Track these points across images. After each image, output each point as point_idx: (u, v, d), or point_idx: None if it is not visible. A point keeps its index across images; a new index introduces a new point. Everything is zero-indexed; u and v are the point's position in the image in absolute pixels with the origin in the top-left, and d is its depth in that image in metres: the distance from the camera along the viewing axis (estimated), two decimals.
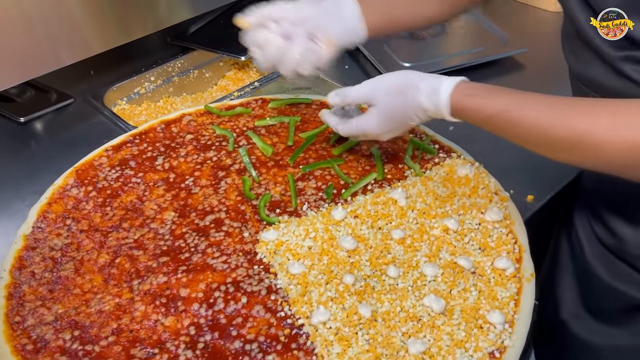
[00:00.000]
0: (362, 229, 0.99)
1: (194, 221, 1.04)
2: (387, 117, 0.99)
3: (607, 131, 0.74)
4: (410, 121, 0.97)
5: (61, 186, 1.10)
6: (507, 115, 0.84)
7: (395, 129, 1.01)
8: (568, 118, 0.78)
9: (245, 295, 0.91)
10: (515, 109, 0.83)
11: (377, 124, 1.00)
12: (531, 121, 0.81)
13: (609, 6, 0.78)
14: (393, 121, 0.99)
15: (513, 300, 0.89)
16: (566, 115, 0.78)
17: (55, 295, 0.92)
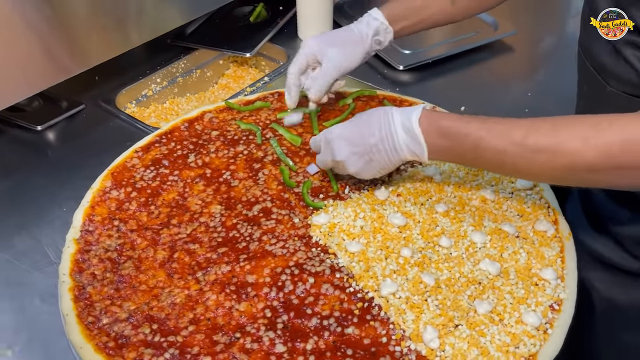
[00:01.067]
0: (407, 206, 1.05)
1: (241, 212, 1.07)
2: (351, 142, 0.98)
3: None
4: (376, 155, 0.96)
5: (100, 189, 1.10)
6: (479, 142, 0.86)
7: (359, 153, 0.98)
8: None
9: (311, 275, 0.95)
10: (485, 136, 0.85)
11: (343, 130, 1.00)
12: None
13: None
14: (356, 146, 0.97)
15: (559, 258, 0.97)
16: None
17: (122, 294, 0.94)
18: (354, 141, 0.98)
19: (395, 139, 0.93)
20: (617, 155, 0.76)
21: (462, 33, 1.58)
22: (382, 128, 0.94)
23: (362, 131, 0.97)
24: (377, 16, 1.17)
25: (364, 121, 0.98)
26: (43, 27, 1.20)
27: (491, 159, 0.86)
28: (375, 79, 1.47)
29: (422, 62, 1.48)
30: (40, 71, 1.24)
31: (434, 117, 0.91)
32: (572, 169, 0.80)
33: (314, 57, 1.17)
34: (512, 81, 1.50)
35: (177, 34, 1.56)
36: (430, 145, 0.91)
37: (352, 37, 1.18)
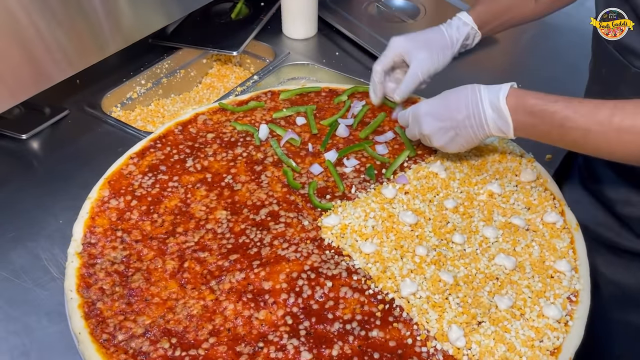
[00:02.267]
0: (416, 203, 1.05)
1: (249, 217, 1.04)
2: (437, 112, 1.02)
3: None
4: (463, 128, 1.00)
5: (98, 199, 1.06)
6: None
7: (445, 126, 1.02)
8: None
9: (329, 279, 0.93)
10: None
11: (431, 107, 1.04)
12: None
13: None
14: (442, 117, 1.02)
15: (571, 249, 0.98)
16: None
17: (135, 308, 0.91)
18: (441, 116, 1.01)
19: (483, 116, 0.96)
20: None
21: None
22: (470, 105, 0.97)
23: (450, 107, 1.00)
24: (468, 21, 1.17)
25: (452, 98, 1.01)
26: (24, 35, 1.14)
27: (576, 137, 0.87)
28: (365, 74, 1.45)
29: None
30: (22, 80, 1.18)
31: (522, 95, 0.93)
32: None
33: (401, 57, 1.16)
34: (497, 74, 1.51)
35: (158, 34, 1.50)
36: (517, 123, 0.93)
37: (442, 41, 1.16)
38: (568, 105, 0.87)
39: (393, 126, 1.22)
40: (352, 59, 1.52)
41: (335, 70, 1.47)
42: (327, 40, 1.59)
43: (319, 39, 1.60)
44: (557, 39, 1.64)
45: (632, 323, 1.11)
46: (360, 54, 1.53)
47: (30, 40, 1.16)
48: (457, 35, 1.17)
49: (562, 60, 1.56)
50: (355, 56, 1.53)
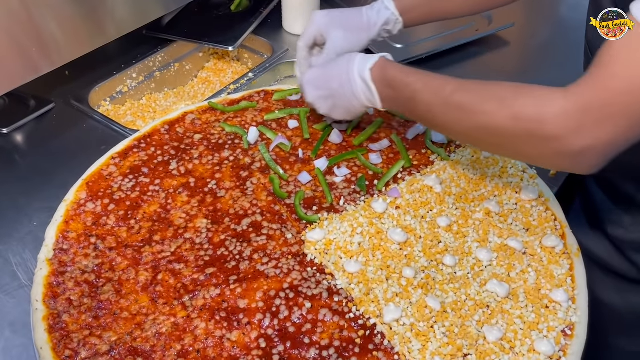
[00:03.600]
0: (407, 220, 0.99)
1: (230, 227, 0.99)
2: (319, 75, 1.05)
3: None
4: (338, 93, 1.02)
5: (74, 202, 1.01)
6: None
7: (323, 88, 1.04)
8: None
9: (308, 299, 0.88)
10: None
11: (312, 75, 1.06)
12: None
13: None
14: (321, 79, 1.04)
15: (569, 277, 0.91)
16: None
17: (102, 322, 0.86)
18: (319, 85, 1.04)
19: (354, 85, 0.98)
20: (524, 122, 0.77)
21: (455, 26, 1.51)
22: (343, 74, 0.99)
23: (327, 76, 1.03)
24: (389, 5, 1.12)
25: (330, 66, 1.03)
26: (10, 21, 1.09)
27: (423, 111, 0.91)
28: None
29: (414, 57, 1.40)
30: (8, 70, 1.14)
31: (386, 67, 0.95)
32: (486, 130, 0.82)
33: (321, 34, 1.13)
34: (508, 77, 1.43)
35: (153, 25, 1.45)
36: (382, 94, 0.96)
37: (360, 22, 1.12)
38: (421, 79, 0.90)
39: (389, 133, 1.16)
40: None
41: None
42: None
43: None
44: (570, 41, 1.55)
45: (616, 346, 1.06)
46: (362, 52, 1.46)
47: (18, 28, 1.12)
48: (376, 19, 1.12)
49: (575, 62, 1.47)
50: None
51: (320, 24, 1.11)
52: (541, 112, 0.75)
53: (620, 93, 0.71)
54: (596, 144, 0.73)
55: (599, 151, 0.74)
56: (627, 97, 0.70)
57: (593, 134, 0.73)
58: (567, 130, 0.73)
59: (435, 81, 0.89)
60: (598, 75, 0.73)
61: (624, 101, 0.71)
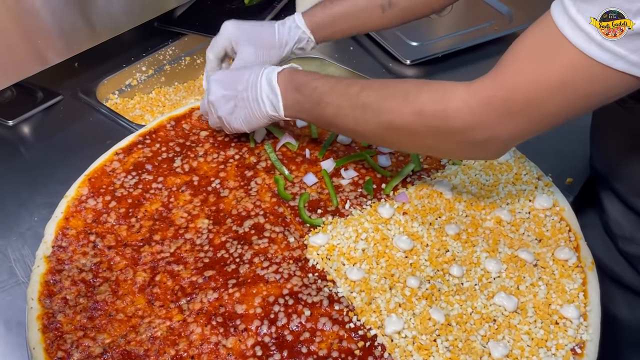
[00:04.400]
0: (414, 226, 0.95)
1: (231, 228, 0.96)
2: (222, 84, 1.00)
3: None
4: (243, 101, 0.98)
5: (75, 198, 1.00)
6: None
7: (227, 96, 1.00)
8: None
9: (307, 307, 0.85)
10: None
11: (222, 74, 1.02)
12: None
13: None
14: (226, 87, 1.00)
15: (582, 292, 0.87)
16: None
17: (97, 324, 0.84)
18: (226, 84, 1.00)
19: (259, 89, 0.96)
20: (429, 118, 0.77)
21: (474, 24, 1.46)
22: (251, 78, 0.97)
23: (236, 77, 0.99)
24: (300, 24, 1.09)
25: (242, 70, 1.00)
26: (19, 12, 1.08)
27: (331, 114, 0.89)
28: (379, 73, 1.35)
29: (430, 56, 1.36)
30: (16, 61, 1.12)
31: (293, 73, 0.94)
32: (392, 127, 0.82)
33: (231, 47, 1.10)
34: None
35: (164, 17, 1.43)
36: (285, 99, 0.94)
37: (272, 40, 1.10)
38: (327, 81, 0.89)
39: None
40: (367, 55, 1.42)
41: (348, 66, 1.37)
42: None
43: None
44: None
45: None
46: (376, 50, 1.43)
47: (26, 18, 1.10)
48: (287, 37, 1.10)
49: None
50: (371, 52, 1.43)
51: (231, 36, 1.08)
52: (444, 107, 0.76)
53: (522, 90, 0.71)
54: (499, 136, 0.75)
55: (502, 142, 0.77)
56: (529, 94, 0.71)
57: (495, 127, 0.74)
58: (469, 123, 0.74)
59: (341, 83, 0.88)
60: (502, 72, 0.73)
61: (526, 98, 0.71)
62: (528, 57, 0.71)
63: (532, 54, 0.71)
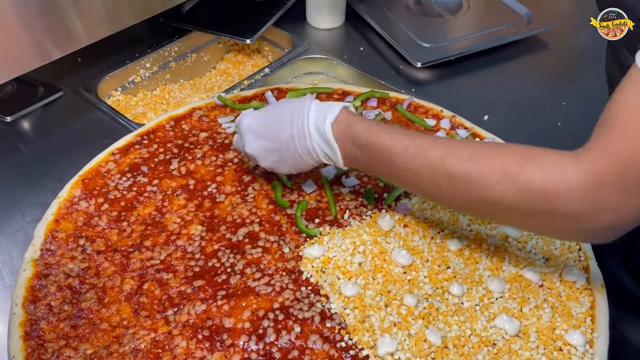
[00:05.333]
0: (415, 240, 0.91)
1: (225, 236, 0.93)
2: (263, 133, 0.88)
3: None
4: (289, 151, 0.86)
5: (67, 199, 0.97)
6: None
7: (271, 149, 0.88)
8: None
9: (298, 323, 0.82)
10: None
11: (253, 121, 0.89)
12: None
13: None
14: (267, 138, 0.87)
15: (589, 317, 0.82)
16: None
17: (80, 333, 0.81)
18: (264, 135, 0.88)
19: (309, 139, 0.84)
20: (537, 198, 0.67)
21: (490, 26, 1.40)
22: (296, 124, 0.84)
23: (274, 125, 0.86)
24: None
25: (277, 112, 0.87)
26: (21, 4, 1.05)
27: (406, 178, 0.79)
28: (389, 75, 1.30)
29: (442, 59, 1.31)
30: (17, 54, 1.10)
31: (350, 124, 0.81)
32: (487, 203, 0.72)
33: None
34: (546, 82, 1.32)
35: (171, 13, 1.40)
36: (345, 153, 0.82)
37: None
38: (397, 141, 0.77)
39: None
40: (377, 56, 1.37)
41: (357, 68, 1.32)
42: (354, 32, 1.44)
43: (346, 30, 1.45)
44: None
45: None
46: (387, 50, 1.38)
47: (30, 11, 1.07)
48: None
49: None
50: (382, 52, 1.38)
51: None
52: (554, 186, 0.66)
53: (637, 160, 0.63)
54: (619, 217, 0.66)
55: (622, 224, 0.67)
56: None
57: (615, 209, 0.65)
58: (586, 206, 0.65)
59: (415, 143, 0.76)
60: (609, 140, 0.65)
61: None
62: (634, 122, 0.64)
63: (637, 117, 0.64)
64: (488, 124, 1.16)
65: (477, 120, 1.14)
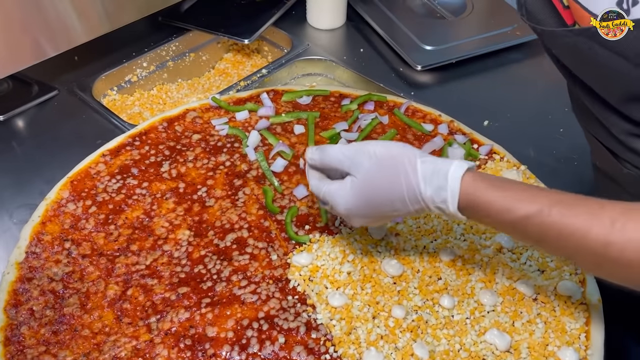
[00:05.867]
0: (406, 249, 0.89)
1: (212, 241, 0.91)
2: (364, 195, 0.75)
3: None
4: (395, 211, 0.74)
5: (55, 201, 0.96)
6: (544, 219, 0.67)
7: (371, 214, 0.76)
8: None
9: (282, 333, 0.80)
10: (555, 213, 0.66)
11: (348, 199, 0.75)
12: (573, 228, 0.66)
13: None
14: (370, 202, 0.75)
15: (584, 333, 0.80)
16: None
17: (61, 339, 0.80)
18: (368, 215, 0.77)
19: (425, 207, 0.73)
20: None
21: (494, 28, 1.37)
22: (408, 201, 0.73)
23: (378, 205, 0.75)
24: None
25: (379, 191, 0.74)
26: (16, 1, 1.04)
27: (557, 252, 0.74)
28: (388, 77, 1.28)
29: (443, 62, 1.28)
30: (11, 52, 1.09)
31: (474, 191, 0.69)
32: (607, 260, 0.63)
33: None
34: (549, 89, 1.28)
35: (170, 11, 1.38)
36: (467, 214, 0.72)
37: None
38: (549, 211, 0.65)
39: None
40: (378, 58, 1.34)
41: (356, 70, 1.30)
42: (354, 33, 1.42)
43: (346, 31, 1.43)
44: None
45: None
46: (388, 52, 1.35)
47: (26, 7, 1.06)
48: None
49: None
50: (383, 54, 1.35)
51: None
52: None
53: None
54: None
55: None
56: None
57: None
58: None
59: (572, 219, 0.65)
60: None
61: None
62: None
63: None
64: (488, 130, 1.14)
65: (477, 126, 1.11)
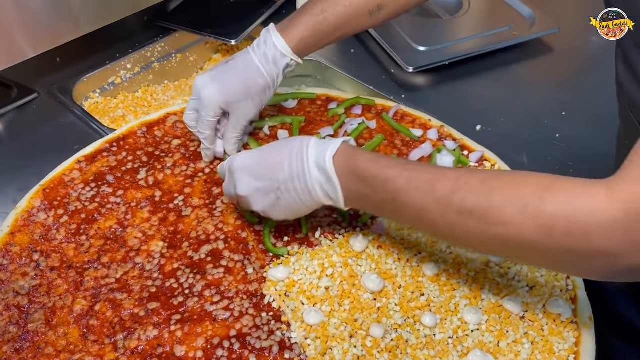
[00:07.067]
0: (388, 263, 0.84)
1: (186, 253, 0.87)
2: (261, 159, 0.82)
3: None
4: (285, 182, 0.79)
5: (26, 210, 0.92)
6: (397, 180, 0.70)
7: (269, 187, 0.80)
8: None
9: (254, 353, 0.76)
10: (405, 175, 0.70)
11: (247, 172, 0.82)
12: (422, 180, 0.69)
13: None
14: (266, 163, 0.81)
15: (573, 354, 0.75)
16: None
17: (23, 357, 0.76)
18: (258, 175, 0.81)
19: (308, 177, 0.77)
20: (562, 236, 0.59)
21: (490, 28, 1.32)
22: (294, 163, 0.77)
23: (270, 164, 0.80)
24: (284, 51, 0.95)
25: (275, 151, 0.81)
26: None
27: (412, 216, 0.71)
28: (379, 80, 1.23)
29: (435, 64, 1.23)
30: None
31: (352, 155, 0.74)
32: (505, 242, 0.64)
33: (221, 111, 0.96)
34: (546, 92, 1.24)
35: (156, 11, 1.34)
36: (346, 190, 0.75)
37: (261, 82, 0.96)
38: (401, 171, 0.70)
39: (390, 153, 1.01)
40: (369, 59, 1.30)
41: (346, 71, 1.25)
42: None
43: None
44: None
45: None
46: (380, 53, 1.31)
47: (3, 4, 1.03)
48: (275, 72, 0.97)
49: None
50: (374, 55, 1.31)
51: (219, 102, 0.94)
52: (583, 223, 0.58)
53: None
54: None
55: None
56: None
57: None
58: (621, 245, 0.57)
59: (420, 175, 0.69)
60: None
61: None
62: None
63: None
64: (480, 135, 1.09)
65: (469, 131, 1.07)
